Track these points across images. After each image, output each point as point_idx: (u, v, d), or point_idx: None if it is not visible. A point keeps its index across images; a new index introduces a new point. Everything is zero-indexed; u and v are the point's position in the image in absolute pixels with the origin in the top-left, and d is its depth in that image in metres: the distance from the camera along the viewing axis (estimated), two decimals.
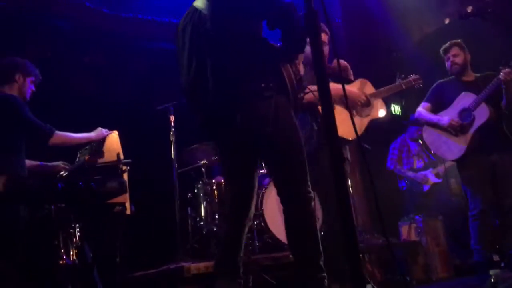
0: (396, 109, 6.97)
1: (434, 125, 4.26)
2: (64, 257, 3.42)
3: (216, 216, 4.84)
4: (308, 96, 3.42)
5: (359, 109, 3.62)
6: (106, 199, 3.31)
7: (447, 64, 4.37)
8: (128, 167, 3.53)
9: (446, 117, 4.18)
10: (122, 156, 3.54)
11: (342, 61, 3.60)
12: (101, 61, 5.26)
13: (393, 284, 4.29)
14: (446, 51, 4.38)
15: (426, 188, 5.77)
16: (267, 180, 5.07)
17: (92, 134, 3.60)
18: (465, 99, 4.17)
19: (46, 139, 3.44)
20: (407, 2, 6.75)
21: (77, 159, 3.61)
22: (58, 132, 3.48)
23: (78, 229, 3.61)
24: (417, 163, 6.05)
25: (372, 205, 6.20)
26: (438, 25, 7.17)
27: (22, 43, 4.41)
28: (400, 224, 5.33)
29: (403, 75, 4.05)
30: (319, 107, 3.38)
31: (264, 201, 4.63)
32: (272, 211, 4.63)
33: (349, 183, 5.54)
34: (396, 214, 5.60)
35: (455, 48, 4.34)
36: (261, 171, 5.43)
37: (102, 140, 3.54)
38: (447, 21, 7.06)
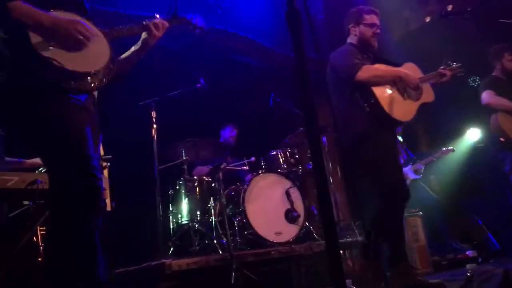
0: None
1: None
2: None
3: (198, 213, 4.83)
4: (363, 75, 3.27)
5: (409, 92, 3.50)
6: None
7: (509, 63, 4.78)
8: (109, 163, 3.51)
9: None
10: (102, 152, 3.51)
11: None
12: None
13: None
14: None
15: None
16: (249, 176, 5.07)
17: None
18: None
19: None
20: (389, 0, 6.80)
21: None
22: None
23: None
24: None
25: (352, 201, 6.24)
26: (419, 23, 7.25)
27: None
28: None
29: (449, 62, 3.89)
30: (373, 88, 3.30)
31: (246, 198, 4.64)
32: (254, 207, 4.64)
33: (331, 179, 5.59)
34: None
35: None
36: (243, 168, 5.44)
37: None
38: (428, 19, 7.13)
